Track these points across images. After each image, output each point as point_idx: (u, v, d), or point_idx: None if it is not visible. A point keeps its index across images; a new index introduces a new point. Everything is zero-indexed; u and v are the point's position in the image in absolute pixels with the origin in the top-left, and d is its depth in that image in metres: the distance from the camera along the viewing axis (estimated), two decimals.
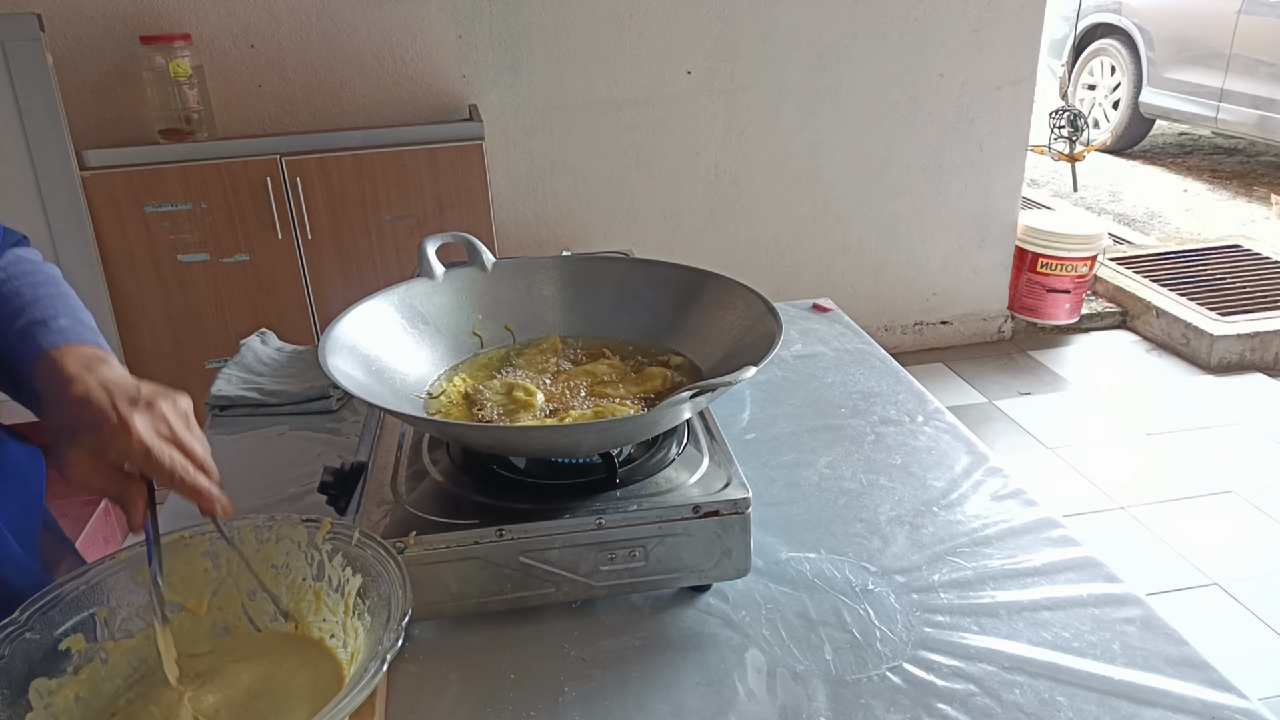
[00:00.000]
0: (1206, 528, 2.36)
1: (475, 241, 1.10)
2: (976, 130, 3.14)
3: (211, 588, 0.78)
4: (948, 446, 1.15)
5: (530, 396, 0.96)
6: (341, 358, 0.90)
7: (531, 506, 0.83)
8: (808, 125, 3.02)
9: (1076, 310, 3.44)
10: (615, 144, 2.91)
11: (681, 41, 2.83)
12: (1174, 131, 6.26)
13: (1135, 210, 4.88)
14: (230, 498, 0.72)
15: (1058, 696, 0.76)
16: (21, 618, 0.69)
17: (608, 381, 1.00)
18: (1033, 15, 3.03)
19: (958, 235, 3.29)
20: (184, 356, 2.44)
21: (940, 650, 0.81)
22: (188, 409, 0.73)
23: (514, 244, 2.94)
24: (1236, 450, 2.71)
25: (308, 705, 0.69)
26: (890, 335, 3.38)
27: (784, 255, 3.18)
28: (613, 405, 0.94)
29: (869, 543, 0.97)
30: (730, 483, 0.85)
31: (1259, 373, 3.17)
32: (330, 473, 0.96)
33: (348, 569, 0.74)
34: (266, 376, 1.35)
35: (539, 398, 0.96)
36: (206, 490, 0.69)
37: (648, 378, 1.00)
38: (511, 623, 0.86)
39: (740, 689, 0.78)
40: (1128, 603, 0.86)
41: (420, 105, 2.70)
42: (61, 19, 2.40)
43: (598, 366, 1.02)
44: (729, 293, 1.02)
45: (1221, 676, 0.77)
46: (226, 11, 2.50)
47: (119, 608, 0.74)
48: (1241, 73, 4.87)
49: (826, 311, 1.57)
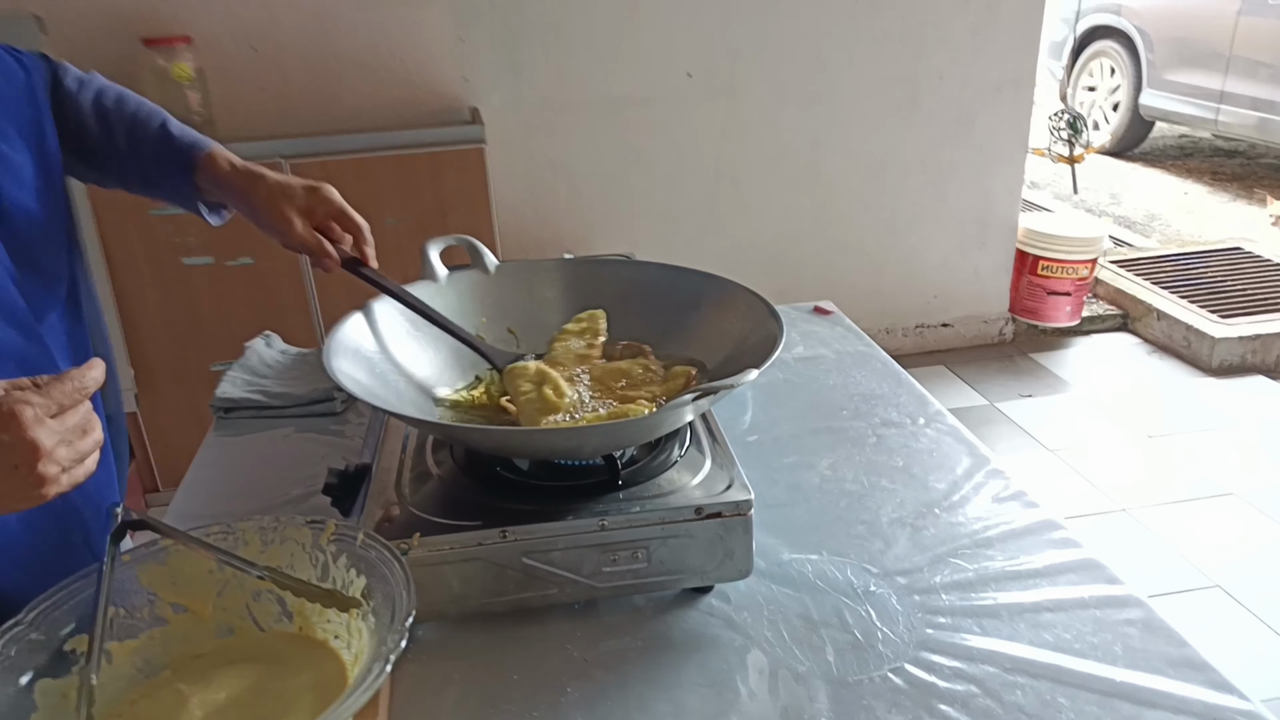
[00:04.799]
0: (1208, 530, 2.36)
1: (478, 244, 1.10)
2: (976, 131, 3.14)
3: (216, 589, 0.78)
4: (949, 448, 1.15)
5: (560, 398, 0.93)
6: (345, 360, 0.91)
7: (535, 508, 0.84)
8: (808, 125, 3.02)
9: (1077, 313, 3.44)
10: (616, 145, 2.91)
11: (681, 42, 2.83)
12: (1174, 134, 6.26)
13: (1135, 213, 4.89)
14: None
15: (1059, 698, 0.76)
16: (27, 618, 0.69)
17: (641, 382, 0.98)
18: (1032, 17, 3.03)
19: (958, 237, 3.29)
20: (188, 359, 2.45)
21: (942, 651, 0.82)
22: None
23: (515, 245, 2.95)
24: (1238, 452, 2.71)
25: (312, 706, 0.69)
26: (891, 338, 3.38)
27: (784, 256, 3.18)
28: (626, 406, 0.92)
29: (871, 544, 0.97)
30: (732, 484, 0.86)
31: (1260, 375, 3.17)
32: (334, 475, 0.96)
33: (352, 570, 0.75)
34: (271, 379, 1.35)
35: (568, 399, 0.94)
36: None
37: (672, 377, 0.99)
38: (514, 624, 0.86)
39: (742, 690, 0.78)
40: (1129, 604, 0.87)
41: (421, 108, 2.70)
42: (63, 21, 2.40)
43: (634, 366, 1.01)
44: (731, 295, 1.02)
45: (1223, 678, 0.77)
46: (228, 14, 2.50)
47: (123, 608, 0.74)
48: (1241, 75, 4.87)
49: (828, 314, 1.57)
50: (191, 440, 1.27)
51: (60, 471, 0.61)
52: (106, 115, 0.92)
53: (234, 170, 0.92)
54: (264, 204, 0.92)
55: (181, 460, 2.41)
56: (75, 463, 0.62)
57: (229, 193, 0.93)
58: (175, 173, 0.92)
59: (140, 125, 0.93)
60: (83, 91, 0.92)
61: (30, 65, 0.87)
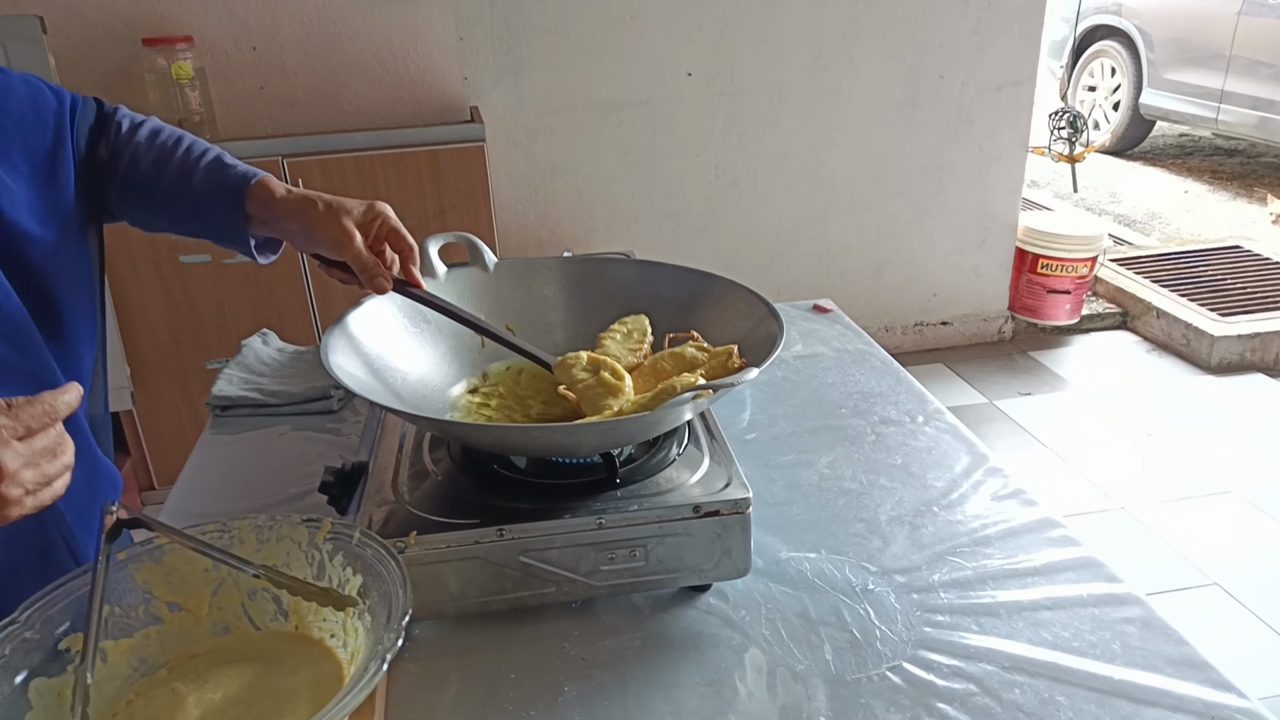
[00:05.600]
0: (1207, 528, 2.36)
1: (477, 242, 1.10)
2: (976, 131, 3.14)
3: (211, 588, 0.78)
4: (948, 447, 1.15)
5: (619, 380, 0.91)
6: (343, 357, 0.90)
7: (532, 506, 0.83)
8: (808, 126, 3.02)
9: (1077, 311, 3.44)
10: (616, 145, 2.91)
11: (682, 43, 2.83)
12: (1174, 133, 6.26)
13: (1135, 211, 4.89)
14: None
15: (1058, 696, 0.76)
16: (21, 617, 0.69)
17: (694, 363, 0.96)
18: (1033, 16, 3.03)
19: (958, 236, 3.29)
20: (185, 357, 2.44)
21: (940, 650, 0.81)
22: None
23: (515, 245, 2.94)
24: (1237, 450, 2.70)
25: (308, 704, 0.69)
26: (890, 336, 3.38)
27: (784, 255, 3.18)
28: (673, 380, 0.89)
29: (869, 542, 0.97)
30: (731, 483, 0.85)
31: (1259, 373, 3.17)
32: (331, 473, 0.96)
33: (348, 569, 0.74)
34: (268, 377, 1.35)
35: (627, 382, 0.92)
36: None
37: (715, 356, 0.95)
38: (512, 622, 0.86)
39: (740, 689, 0.78)
40: (1127, 602, 0.86)
41: (421, 107, 2.70)
42: (64, 21, 2.40)
43: (684, 350, 0.98)
44: (731, 294, 1.02)
45: (1221, 676, 0.77)
46: (228, 14, 2.50)
47: (118, 607, 0.74)
48: (1242, 74, 4.87)
49: (827, 312, 1.57)
50: (188, 438, 1.27)
51: (24, 494, 0.60)
52: (162, 147, 0.92)
53: (289, 193, 0.91)
54: (321, 219, 0.89)
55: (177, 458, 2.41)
56: (41, 486, 0.61)
57: (283, 214, 0.90)
58: (226, 199, 0.90)
59: (193, 151, 0.93)
60: (139, 127, 0.94)
61: (67, 100, 0.89)
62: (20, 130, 0.83)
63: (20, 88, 0.85)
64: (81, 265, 0.88)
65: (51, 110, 0.86)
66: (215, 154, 0.93)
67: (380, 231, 0.92)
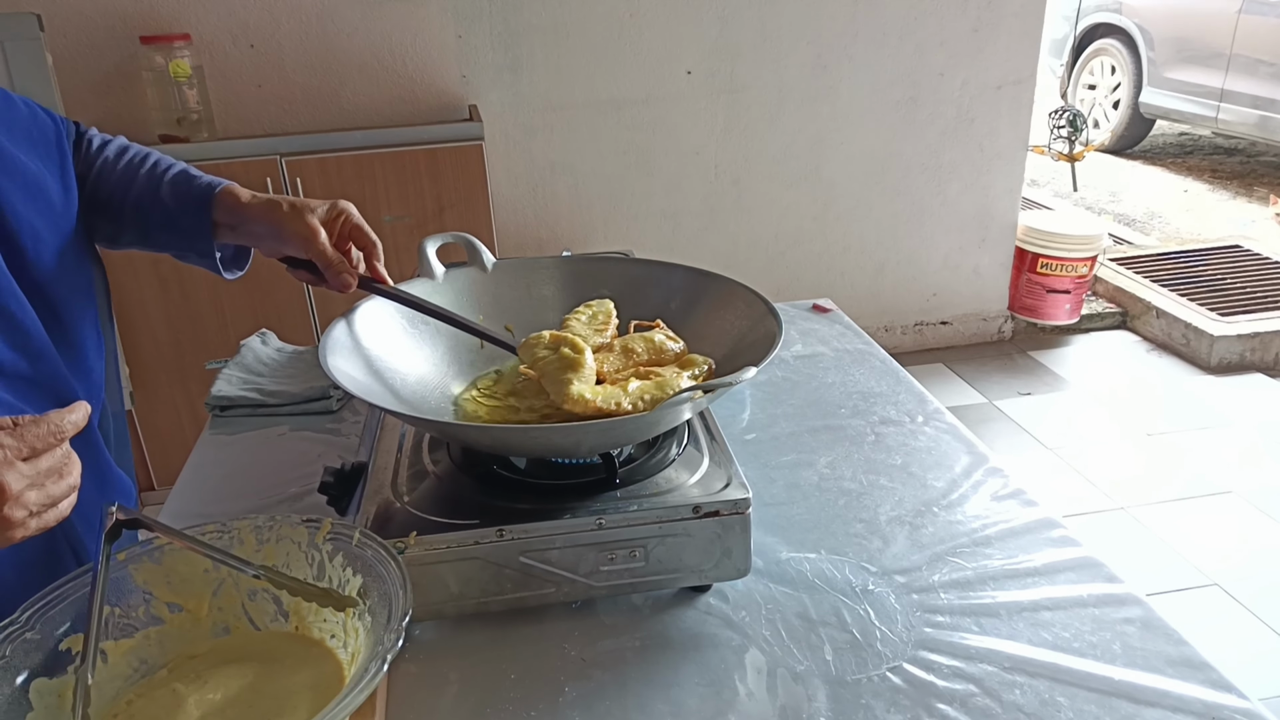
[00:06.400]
0: (1207, 528, 2.36)
1: (475, 241, 1.10)
2: (976, 130, 3.14)
3: (211, 588, 0.78)
4: (948, 447, 1.15)
5: (579, 354, 0.89)
6: (342, 358, 0.90)
7: (532, 507, 0.83)
8: (808, 125, 3.02)
9: (1076, 310, 3.44)
10: (615, 144, 2.91)
11: (681, 41, 2.83)
12: (1174, 131, 6.25)
13: (1135, 210, 4.88)
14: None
15: (1058, 697, 0.76)
16: (22, 618, 0.69)
17: (663, 352, 0.95)
18: (1033, 15, 3.03)
19: (958, 235, 3.29)
20: (184, 357, 2.44)
21: (940, 650, 0.81)
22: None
23: (514, 244, 2.94)
24: (1237, 450, 2.71)
25: (308, 705, 0.69)
26: (890, 335, 3.38)
27: (784, 255, 3.18)
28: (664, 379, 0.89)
29: (869, 543, 0.97)
30: (730, 483, 0.85)
31: (1259, 373, 3.17)
32: (330, 473, 0.96)
33: (348, 569, 0.74)
34: (267, 377, 1.35)
35: (588, 355, 0.90)
36: None
37: (691, 361, 0.95)
38: (512, 623, 0.86)
39: (740, 689, 0.78)
40: (1128, 603, 0.86)
41: (420, 105, 2.70)
42: (61, 19, 2.40)
43: (653, 335, 0.98)
44: (729, 293, 1.02)
45: (1221, 677, 0.77)
46: (226, 11, 2.50)
47: (118, 608, 0.74)
48: (1242, 73, 4.87)
49: (826, 312, 1.57)
50: (187, 438, 1.27)
51: (28, 515, 0.60)
52: (129, 162, 0.96)
53: (253, 198, 0.94)
54: (287, 217, 0.92)
55: (177, 459, 2.41)
56: (46, 507, 0.61)
57: (250, 217, 0.93)
58: (194, 208, 0.93)
59: (160, 165, 0.96)
60: (108, 144, 0.97)
61: (58, 122, 0.92)
62: (28, 142, 0.85)
63: (21, 108, 0.88)
64: (83, 275, 0.89)
65: (49, 129, 0.90)
66: (181, 168, 0.96)
67: (344, 229, 0.95)
